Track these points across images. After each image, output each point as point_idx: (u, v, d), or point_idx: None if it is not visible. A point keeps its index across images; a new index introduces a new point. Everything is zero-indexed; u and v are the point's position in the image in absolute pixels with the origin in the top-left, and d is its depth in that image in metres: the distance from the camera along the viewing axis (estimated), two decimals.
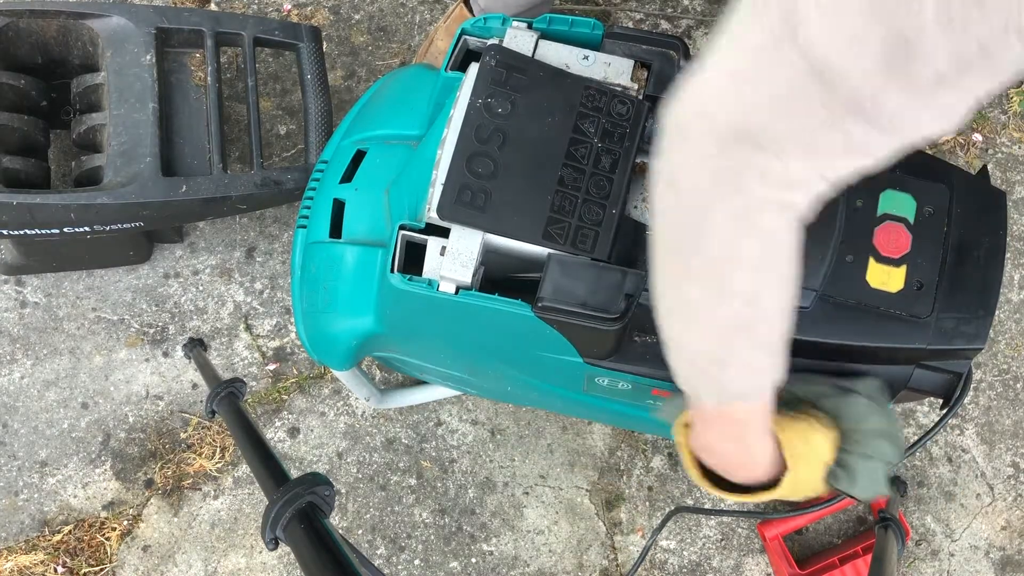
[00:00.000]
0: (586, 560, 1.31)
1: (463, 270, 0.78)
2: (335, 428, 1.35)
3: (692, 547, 1.32)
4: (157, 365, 1.36)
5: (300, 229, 0.96)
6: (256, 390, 1.36)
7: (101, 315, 1.36)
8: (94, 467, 1.31)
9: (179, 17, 1.25)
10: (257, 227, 1.41)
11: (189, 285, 1.39)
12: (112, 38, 1.21)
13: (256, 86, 1.27)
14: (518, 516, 1.33)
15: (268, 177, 1.22)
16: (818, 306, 0.78)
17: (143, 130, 1.18)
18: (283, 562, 1.30)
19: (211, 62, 1.24)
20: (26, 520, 1.29)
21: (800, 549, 1.33)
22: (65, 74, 1.26)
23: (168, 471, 1.32)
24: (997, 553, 1.34)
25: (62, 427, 1.33)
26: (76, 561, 1.28)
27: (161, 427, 1.33)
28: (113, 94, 1.19)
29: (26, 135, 1.21)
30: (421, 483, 1.33)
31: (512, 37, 0.85)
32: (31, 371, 1.34)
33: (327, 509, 0.62)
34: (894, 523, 1.15)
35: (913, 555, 1.34)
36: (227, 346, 1.37)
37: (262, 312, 1.38)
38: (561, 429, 1.35)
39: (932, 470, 1.36)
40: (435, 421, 1.35)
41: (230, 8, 1.50)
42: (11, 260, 1.32)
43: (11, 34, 1.20)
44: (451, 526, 1.32)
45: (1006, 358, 1.40)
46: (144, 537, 1.30)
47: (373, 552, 1.30)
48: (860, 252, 0.79)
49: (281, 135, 1.45)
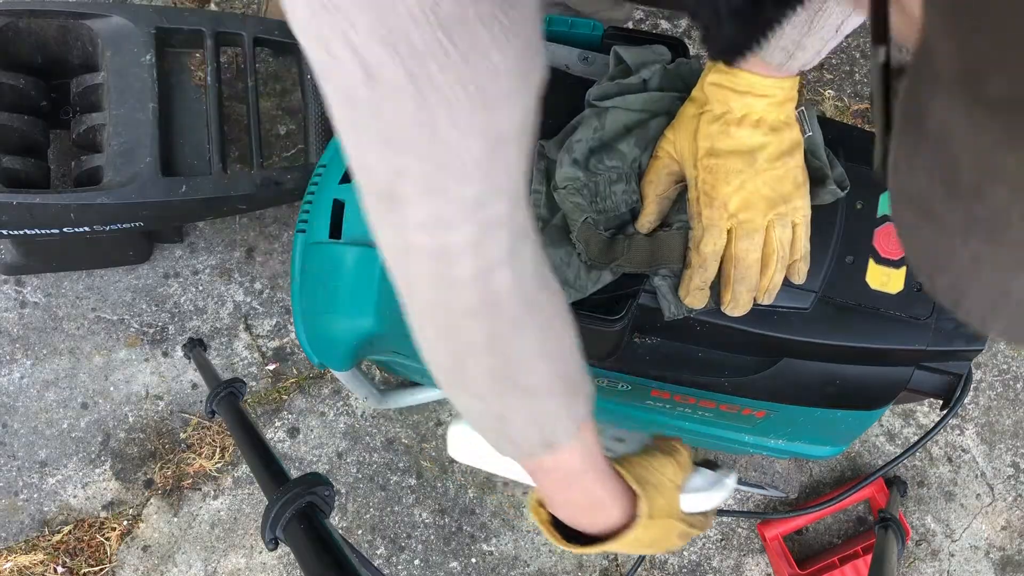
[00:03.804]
0: (586, 560, 1.31)
1: None
2: (335, 428, 1.35)
3: (692, 547, 1.32)
4: (157, 365, 1.36)
5: (300, 234, 0.96)
6: (256, 390, 1.36)
7: (101, 315, 1.36)
8: (94, 467, 1.32)
9: (179, 17, 1.25)
10: (257, 227, 1.41)
11: (189, 285, 1.39)
12: (112, 38, 1.21)
13: (256, 86, 1.27)
14: (518, 516, 1.33)
15: (268, 177, 1.22)
16: (818, 308, 0.78)
17: (143, 130, 1.18)
18: (283, 562, 1.30)
19: (211, 62, 1.24)
20: (26, 520, 1.29)
21: (800, 549, 1.33)
22: (65, 74, 1.26)
23: (168, 471, 1.32)
24: (997, 553, 1.34)
25: (62, 427, 1.33)
26: (76, 561, 1.28)
27: (161, 427, 1.33)
28: (113, 94, 1.19)
29: (26, 135, 1.21)
30: (421, 483, 1.33)
31: None
32: (31, 371, 1.34)
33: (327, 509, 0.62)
34: (894, 523, 1.15)
35: (913, 555, 1.34)
36: (227, 346, 1.37)
37: (262, 312, 1.38)
38: None
39: (932, 470, 1.36)
40: (435, 421, 1.35)
41: (230, 8, 1.50)
42: (11, 260, 1.32)
43: (11, 34, 1.20)
44: (451, 526, 1.32)
45: (1006, 358, 1.40)
46: (144, 537, 1.30)
47: (373, 552, 1.30)
48: (860, 253, 0.79)
49: (281, 135, 1.45)
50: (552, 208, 0.78)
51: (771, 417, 0.88)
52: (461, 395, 0.57)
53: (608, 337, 0.79)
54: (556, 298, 0.55)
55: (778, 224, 0.70)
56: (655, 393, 0.88)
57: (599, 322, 0.76)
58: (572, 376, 0.57)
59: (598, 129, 0.76)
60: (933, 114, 0.22)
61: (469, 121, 0.41)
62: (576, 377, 0.57)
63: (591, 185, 0.75)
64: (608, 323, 0.76)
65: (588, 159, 0.76)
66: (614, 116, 0.76)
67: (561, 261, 0.75)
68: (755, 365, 0.83)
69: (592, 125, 0.76)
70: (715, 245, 0.71)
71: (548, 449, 0.58)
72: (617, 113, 0.77)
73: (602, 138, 0.76)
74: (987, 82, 0.19)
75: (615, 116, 0.76)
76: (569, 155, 0.75)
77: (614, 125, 0.76)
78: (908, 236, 0.26)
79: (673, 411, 0.92)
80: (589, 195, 0.75)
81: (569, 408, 0.57)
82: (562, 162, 0.76)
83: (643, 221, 0.76)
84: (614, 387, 0.89)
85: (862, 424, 0.90)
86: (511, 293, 0.49)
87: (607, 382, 0.88)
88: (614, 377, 0.87)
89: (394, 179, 0.43)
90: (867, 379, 0.81)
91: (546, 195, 0.78)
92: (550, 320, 0.54)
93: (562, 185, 0.75)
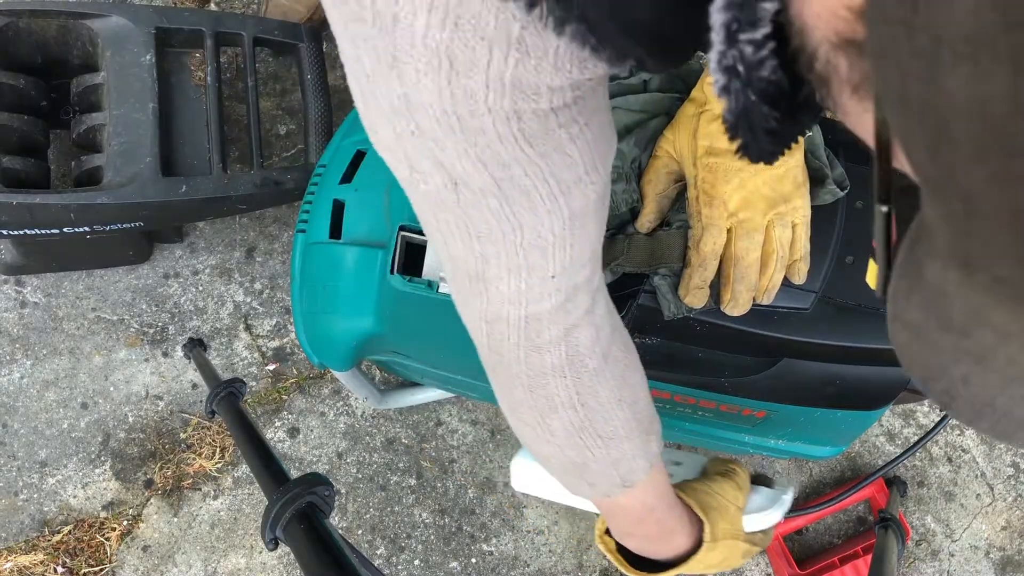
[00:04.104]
0: (586, 560, 1.31)
1: None
2: (335, 428, 1.35)
3: None
4: (157, 365, 1.36)
5: (299, 234, 0.96)
6: (256, 390, 1.36)
7: (101, 315, 1.36)
8: (94, 467, 1.31)
9: (179, 17, 1.25)
10: (257, 227, 1.41)
11: (189, 285, 1.39)
12: (112, 38, 1.21)
13: (256, 86, 1.27)
14: (518, 516, 1.33)
15: (268, 177, 1.22)
16: (818, 308, 0.78)
17: (143, 130, 1.18)
18: (283, 562, 1.30)
19: (211, 62, 1.24)
20: (26, 520, 1.29)
21: (800, 549, 1.33)
22: (65, 74, 1.26)
23: (168, 471, 1.32)
24: (997, 553, 1.34)
25: (62, 427, 1.33)
26: (76, 561, 1.27)
27: (161, 427, 1.33)
28: (113, 94, 1.19)
29: (26, 135, 1.21)
30: (421, 483, 1.33)
31: None
32: (31, 371, 1.34)
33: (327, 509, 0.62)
34: (894, 523, 1.15)
35: (913, 555, 1.34)
36: (227, 346, 1.37)
37: (262, 312, 1.38)
38: None
39: (932, 470, 1.36)
40: (435, 421, 1.35)
41: (230, 8, 1.50)
42: (11, 260, 1.32)
43: (11, 34, 1.20)
44: (451, 526, 1.32)
45: None
46: (144, 537, 1.30)
47: (373, 552, 1.30)
48: (860, 254, 0.79)
49: (281, 135, 1.45)
50: None
51: (771, 417, 0.88)
52: (543, 447, 0.59)
53: None
54: (628, 343, 0.58)
55: (778, 224, 0.70)
56: (655, 393, 0.88)
57: None
58: (645, 418, 0.60)
59: None
60: (929, 270, 0.25)
61: (548, 208, 0.44)
62: (648, 418, 0.61)
63: None
64: None
65: None
66: (614, 116, 0.76)
67: None
68: (755, 365, 0.82)
69: None
70: (715, 244, 0.71)
71: (625, 489, 0.61)
72: (617, 113, 0.77)
73: None
74: (977, 270, 0.21)
75: (615, 116, 0.76)
76: None
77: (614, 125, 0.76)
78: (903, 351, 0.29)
79: (673, 411, 0.92)
80: None
81: (644, 448, 0.60)
82: None
83: (643, 220, 0.76)
84: None
85: (862, 424, 0.90)
86: (591, 348, 0.53)
87: None
88: None
89: (481, 264, 0.47)
90: (867, 379, 0.81)
91: None
92: (624, 367, 0.57)
93: None
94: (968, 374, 0.26)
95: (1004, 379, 0.25)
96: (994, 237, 0.20)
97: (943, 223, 0.22)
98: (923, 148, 0.21)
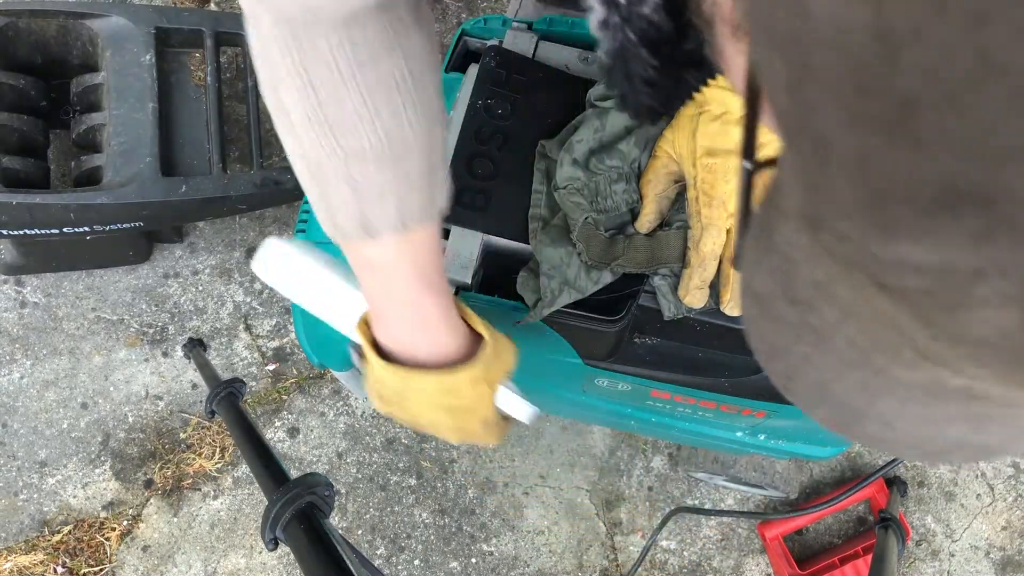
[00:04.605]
0: (586, 560, 1.31)
1: (462, 271, 0.78)
2: (335, 428, 1.35)
3: (692, 547, 1.32)
4: (157, 365, 1.36)
5: (300, 234, 0.96)
6: (256, 390, 1.36)
7: (101, 315, 1.36)
8: (94, 467, 1.31)
9: (179, 17, 1.25)
10: (257, 227, 1.41)
11: (189, 285, 1.39)
12: (112, 38, 1.21)
13: (256, 86, 1.27)
14: (518, 516, 1.33)
15: (268, 177, 1.22)
16: None
17: (143, 130, 1.18)
18: (283, 562, 1.30)
19: (211, 62, 1.24)
20: (26, 520, 1.29)
21: (800, 549, 1.33)
22: (65, 74, 1.26)
23: (168, 471, 1.32)
24: (997, 553, 1.34)
25: (62, 427, 1.33)
26: (76, 561, 1.27)
27: (161, 427, 1.33)
28: (113, 94, 1.19)
29: (26, 135, 1.21)
30: (421, 483, 1.33)
31: (512, 38, 0.85)
32: (31, 371, 1.34)
33: (327, 509, 0.62)
34: (894, 523, 1.15)
35: (913, 555, 1.34)
36: (227, 346, 1.37)
37: (262, 312, 1.38)
38: (561, 429, 1.35)
39: (932, 470, 1.36)
40: None
41: (230, 8, 1.50)
42: (11, 260, 1.32)
43: (11, 34, 1.20)
44: (451, 526, 1.32)
45: None
46: (144, 537, 1.30)
47: (373, 552, 1.30)
48: None
49: None
50: (552, 208, 0.78)
51: (771, 417, 0.88)
52: (287, 136, 0.50)
53: (608, 337, 0.79)
54: (426, 35, 0.49)
55: None
56: (655, 393, 0.88)
57: (599, 322, 0.76)
58: (403, 146, 0.50)
59: (599, 129, 0.76)
60: (779, 233, 0.23)
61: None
62: (407, 148, 0.50)
63: (591, 185, 0.75)
64: (608, 323, 0.76)
65: (588, 159, 0.76)
66: (615, 116, 0.77)
67: (561, 261, 0.75)
68: (755, 365, 0.82)
69: (593, 125, 0.76)
70: (714, 244, 0.71)
71: (366, 237, 0.52)
72: (618, 113, 0.77)
73: (602, 138, 0.76)
74: (823, 228, 0.20)
75: (616, 116, 0.77)
76: (569, 155, 0.75)
77: (614, 125, 0.76)
78: (750, 324, 0.28)
79: (673, 411, 0.92)
80: (589, 195, 0.75)
81: (397, 187, 0.51)
82: (562, 162, 0.76)
83: (643, 221, 0.76)
84: (614, 387, 0.89)
85: None
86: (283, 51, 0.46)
87: (607, 382, 0.88)
88: (614, 377, 0.87)
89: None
90: None
91: (546, 195, 0.78)
92: (385, 83, 0.48)
93: (563, 185, 0.75)
94: (808, 354, 0.25)
95: (842, 363, 0.24)
96: (840, 187, 0.19)
97: (795, 178, 0.21)
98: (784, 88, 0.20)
